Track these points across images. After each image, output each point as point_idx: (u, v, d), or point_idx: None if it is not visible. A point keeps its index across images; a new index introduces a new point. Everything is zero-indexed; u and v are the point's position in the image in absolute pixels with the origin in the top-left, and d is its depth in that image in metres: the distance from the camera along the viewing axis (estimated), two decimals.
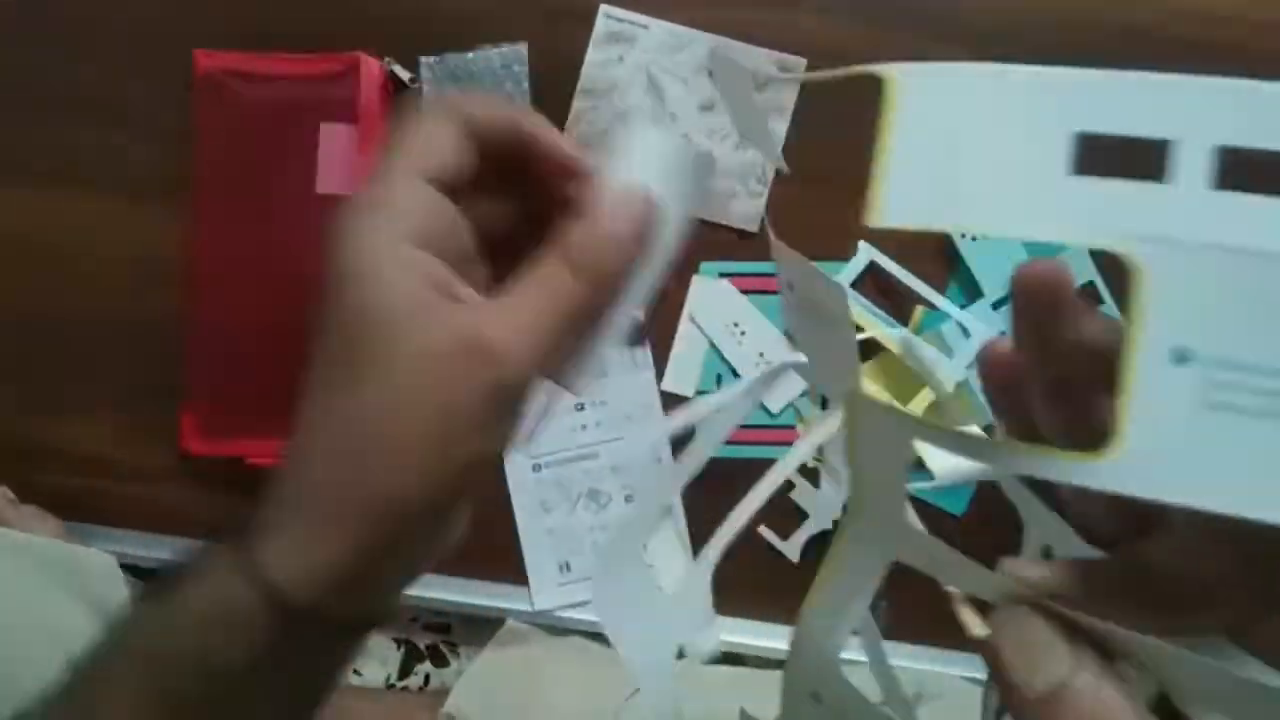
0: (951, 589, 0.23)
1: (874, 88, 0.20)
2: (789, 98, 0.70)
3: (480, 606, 0.72)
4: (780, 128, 0.70)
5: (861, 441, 0.23)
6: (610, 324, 0.30)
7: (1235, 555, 0.20)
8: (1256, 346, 0.17)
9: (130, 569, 0.69)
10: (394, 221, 0.27)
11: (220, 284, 0.71)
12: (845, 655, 0.26)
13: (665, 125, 0.70)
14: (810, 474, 0.70)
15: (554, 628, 0.73)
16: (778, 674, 0.28)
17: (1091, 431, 0.23)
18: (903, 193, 0.19)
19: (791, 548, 0.71)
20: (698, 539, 0.34)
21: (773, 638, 0.70)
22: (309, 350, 0.29)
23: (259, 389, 0.71)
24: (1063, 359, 0.23)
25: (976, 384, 0.69)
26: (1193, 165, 0.18)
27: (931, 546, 0.22)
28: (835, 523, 0.70)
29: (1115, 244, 0.18)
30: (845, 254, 0.70)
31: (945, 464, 0.28)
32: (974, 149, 0.19)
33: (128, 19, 0.72)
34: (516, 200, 0.31)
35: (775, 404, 0.71)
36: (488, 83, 0.71)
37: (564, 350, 0.29)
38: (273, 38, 0.70)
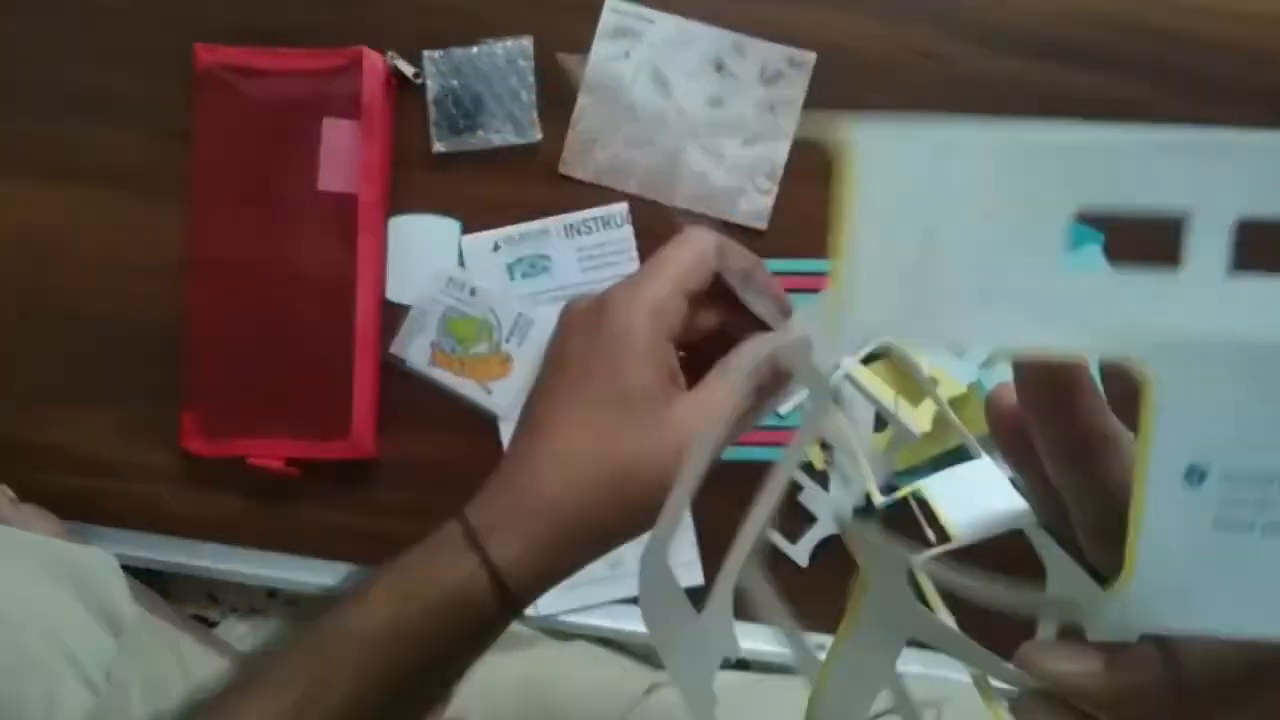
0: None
1: (889, 84, 0.19)
2: (799, 93, 0.69)
3: None
4: (790, 123, 0.69)
5: (864, 562, 0.23)
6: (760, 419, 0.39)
7: (1265, 648, 0.19)
8: (1276, 453, 0.16)
9: (129, 569, 0.68)
10: (663, 321, 0.38)
11: (221, 282, 0.70)
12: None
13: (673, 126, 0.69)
14: (819, 477, 0.69)
15: (558, 632, 0.72)
16: (784, 680, 0.27)
17: (1106, 491, 0.21)
18: (869, 300, 0.17)
19: (800, 552, 0.69)
20: (708, 543, 0.33)
21: (779, 642, 0.69)
22: (557, 376, 0.39)
23: (260, 389, 0.70)
24: (1074, 438, 0.21)
25: (989, 383, 0.68)
26: (1209, 243, 0.16)
27: (949, 634, 0.21)
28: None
29: (1120, 350, 0.16)
30: None
31: (963, 521, 0.27)
32: (952, 236, 0.16)
33: (128, 14, 0.71)
34: (715, 314, 0.42)
35: (783, 405, 0.70)
36: (492, 78, 0.70)
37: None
38: (274, 32, 0.70)
